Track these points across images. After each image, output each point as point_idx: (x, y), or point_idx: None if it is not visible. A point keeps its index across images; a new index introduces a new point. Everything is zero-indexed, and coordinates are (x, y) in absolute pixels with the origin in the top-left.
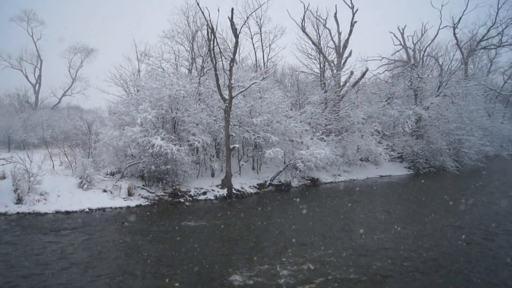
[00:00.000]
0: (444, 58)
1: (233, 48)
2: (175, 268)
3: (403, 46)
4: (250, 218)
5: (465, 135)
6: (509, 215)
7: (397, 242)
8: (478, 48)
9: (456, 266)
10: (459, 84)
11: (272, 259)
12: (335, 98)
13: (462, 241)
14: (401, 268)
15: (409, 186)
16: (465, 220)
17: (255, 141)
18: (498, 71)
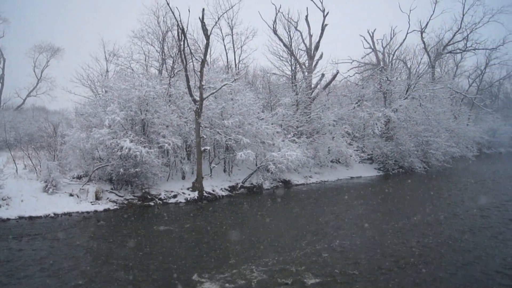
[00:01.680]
0: (412, 61)
1: (204, 49)
2: (143, 273)
3: (373, 49)
4: (222, 221)
5: (432, 136)
6: (470, 213)
7: (370, 242)
8: (445, 52)
9: (428, 264)
10: (426, 87)
11: (244, 262)
12: (307, 100)
13: (432, 238)
14: (376, 267)
15: (379, 187)
16: (433, 218)
17: (227, 143)
18: (463, 75)
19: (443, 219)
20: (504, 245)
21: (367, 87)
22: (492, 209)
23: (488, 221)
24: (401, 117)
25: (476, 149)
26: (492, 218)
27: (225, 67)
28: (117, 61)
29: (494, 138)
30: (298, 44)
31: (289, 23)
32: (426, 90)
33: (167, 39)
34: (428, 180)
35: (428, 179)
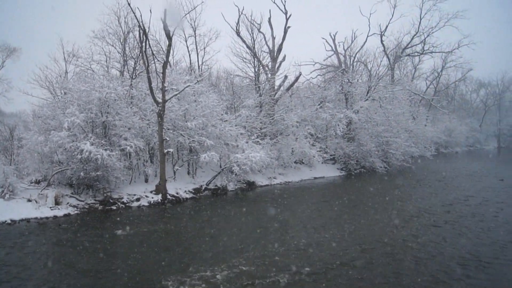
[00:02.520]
0: (373, 64)
1: (166, 50)
2: (106, 280)
3: (335, 51)
4: (186, 224)
5: (392, 137)
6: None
7: (331, 241)
8: (403, 55)
9: (391, 261)
10: (386, 88)
11: (208, 265)
12: (270, 101)
13: (393, 236)
14: (336, 266)
15: (341, 187)
16: (393, 216)
17: (190, 145)
18: (421, 77)
19: (402, 217)
20: (463, 238)
21: (329, 89)
22: (451, 205)
23: (449, 216)
24: (362, 118)
25: (433, 149)
26: (452, 214)
27: (188, 69)
28: (76, 62)
29: (451, 138)
30: (261, 46)
31: (252, 25)
32: (386, 91)
33: (128, 40)
34: (389, 179)
35: (389, 178)
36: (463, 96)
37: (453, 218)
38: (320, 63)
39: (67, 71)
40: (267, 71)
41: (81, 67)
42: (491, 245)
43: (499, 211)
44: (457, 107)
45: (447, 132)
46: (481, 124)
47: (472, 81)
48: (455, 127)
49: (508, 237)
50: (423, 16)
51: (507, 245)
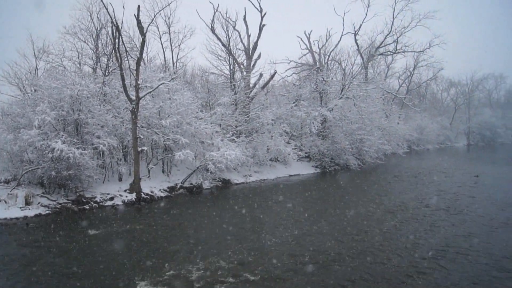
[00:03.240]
0: (347, 62)
1: (140, 47)
2: (79, 281)
3: (310, 50)
4: (160, 223)
5: (365, 135)
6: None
7: (307, 238)
8: (377, 54)
9: (365, 256)
10: (360, 87)
11: (183, 263)
12: (245, 99)
13: (368, 232)
14: (312, 263)
15: (316, 184)
16: (364, 215)
17: (165, 143)
18: (394, 76)
19: (375, 214)
20: (434, 232)
21: (304, 87)
22: (421, 200)
23: (420, 212)
24: (337, 116)
25: (406, 146)
26: (430, 208)
27: (162, 66)
28: (47, 58)
29: (422, 135)
30: (237, 43)
31: (227, 22)
32: (360, 90)
33: (101, 36)
34: (362, 176)
35: (363, 175)
36: (434, 94)
37: (431, 212)
38: (295, 61)
39: (37, 67)
40: (242, 69)
41: (52, 64)
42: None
43: (470, 205)
44: (429, 106)
45: (419, 130)
46: (451, 122)
47: (443, 80)
48: (427, 125)
49: (483, 229)
50: (396, 16)
51: (479, 236)
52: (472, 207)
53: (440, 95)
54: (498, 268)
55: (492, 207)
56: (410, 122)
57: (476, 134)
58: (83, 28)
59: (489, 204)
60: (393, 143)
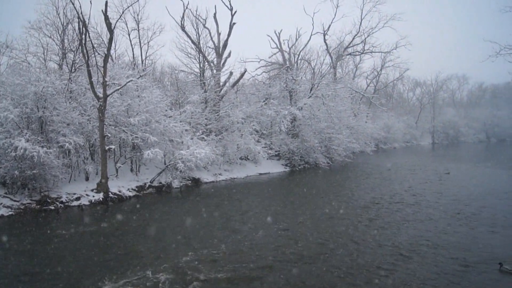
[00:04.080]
0: (316, 62)
1: (108, 44)
2: (43, 282)
3: (279, 49)
4: (128, 223)
5: (334, 133)
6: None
7: (277, 237)
8: (345, 54)
9: (334, 253)
10: (328, 86)
11: (150, 265)
12: (215, 97)
13: (336, 230)
14: (280, 262)
15: (286, 182)
16: (332, 212)
17: (133, 141)
18: (362, 76)
19: (341, 212)
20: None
21: (274, 86)
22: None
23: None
24: (306, 115)
25: (373, 145)
26: (402, 204)
27: (131, 63)
28: (10, 53)
29: (389, 134)
30: (207, 41)
31: (197, 20)
32: (329, 89)
33: (67, 32)
34: (331, 175)
35: (331, 173)
36: (401, 94)
37: (399, 209)
38: (265, 60)
39: (0, 63)
40: (212, 67)
41: (15, 59)
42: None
43: (437, 201)
44: (395, 105)
45: (386, 128)
46: (417, 121)
47: (409, 80)
48: (393, 124)
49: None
50: (364, 17)
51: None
52: (439, 202)
53: (406, 95)
54: (461, 263)
55: (457, 203)
56: (377, 121)
57: (440, 132)
58: (49, 23)
59: (455, 200)
60: (361, 141)
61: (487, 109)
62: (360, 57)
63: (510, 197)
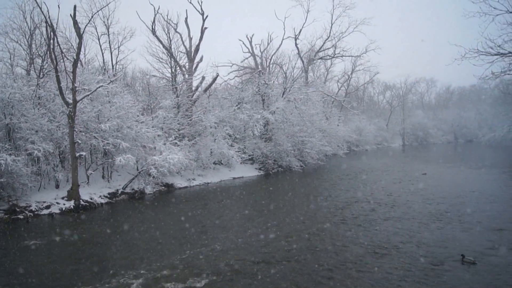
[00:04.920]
0: (288, 66)
1: (77, 49)
2: None
3: (251, 53)
4: (100, 230)
5: (307, 136)
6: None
7: (251, 241)
8: (316, 58)
9: (306, 255)
10: (300, 90)
11: (124, 272)
12: (188, 102)
13: (310, 230)
14: (258, 264)
15: (260, 186)
16: (308, 214)
17: (104, 147)
18: (333, 79)
19: (317, 213)
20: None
21: (246, 90)
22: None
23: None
24: (279, 119)
25: (346, 147)
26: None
27: (101, 68)
28: None
29: (361, 136)
30: (178, 46)
31: (168, 24)
32: (301, 93)
33: (35, 37)
34: (304, 178)
35: (305, 176)
36: (371, 97)
37: (371, 209)
38: (238, 64)
39: None
40: (184, 71)
41: None
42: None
43: (407, 202)
44: (366, 108)
45: (358, 131)
46: (387, 124)
47: (379, 83)
48: (365, 127)
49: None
50: (334, 21)
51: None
52: (410, 203)
53: (377, 98)
54: (432, 261)
55: (431, 202)
56: (349, 124)
57: (410, 134)
58: (15, 27)
59: (425, 200)
60: (333, 144)
61: (455, 111)
62: (331, 61)
63: (477, 196)
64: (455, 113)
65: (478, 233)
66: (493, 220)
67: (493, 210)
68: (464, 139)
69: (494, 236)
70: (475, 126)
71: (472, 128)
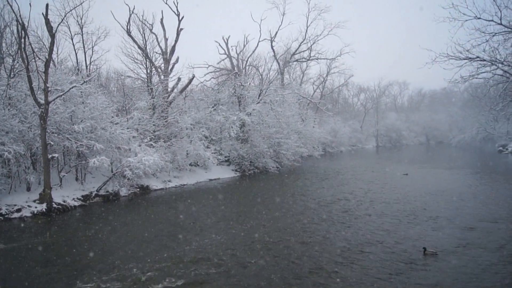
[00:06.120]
0: (264, 68)
1: (49, 48)
2: None
3: (228, 55)
4: (73, 234)
5: (283, 138)
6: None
7: (227, 242)
8: (292, 60)
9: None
10: (276, 92)
11: (98, 276)
12: (163, 103)
13: (286, 232)
14: (234, 267)
15: (236, 188)
16: (282, 212)
17: (78, 149)
18: (309, 82)
19: (293, 214)
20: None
21: (222, 92)
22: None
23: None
24: (255, 121)
25: (321, 149)
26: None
27: (74, 68)
28: None
29: (336, 138)
30: (154, 47)
31: (143, 25)
32: (277, 95)
33: (5, 35)
34: (280, 179)
35: (281, 177)
36: (346, 99)
37: (344, 210)
38: (214, 66)
39: None
40: (160, 72)
41: None
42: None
43: (378, 203)
44: (341, 110)
45: (333, 133)
46: (361, 126)
47: (354, 86)
48: (340, 128)
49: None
50: (310, 24)
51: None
52: (387, 202)
53: (352, 100)
54: (406, 260)
55: (399, 203)
56: (324, 126)
57: (383, 136)
58: None
59: (400, 199)
60: (309, 146)
61: (426, 113)
62: (307, 63)
63: (450, 195)
64: (426, 115)
65: (449, 232)
66: (465, 219)
67: (466, 209)
68: (435, 140)
69: (463, 234)
70: (446, 128)
71: (443, 130)
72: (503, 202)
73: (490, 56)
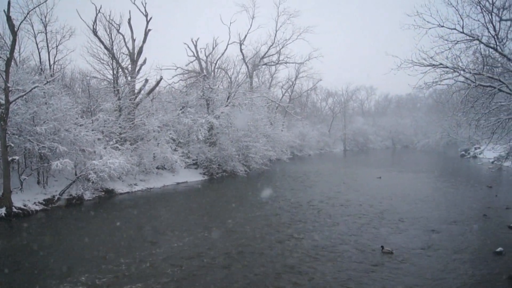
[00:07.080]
0: (233, 71)
1: (11, 46)
2: None
3: (196, 57)
4: (34, 239)
5: (251, 141)
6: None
7: (193, 246)
8: (261, 64)
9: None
10: (245, 95)
11: (60, 282)
12: (130, 105)
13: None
14: (200, 269)
15: (204, 191)
16: (250, 217)
17: (40, 151)
18: (277, 85)
19: (258, 219)
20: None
21: (191, 94)
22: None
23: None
24: (223, 124)
25: (289, 152)
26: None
27: (37, 68)
28: None
29: (304, 142)
30: (121, 47)
31: (110, 25)
32: (245, 98)
33: None
34: (248, 182)
35: (249, 181)
36: (314, 103)
37: (315, 213)
38: (182, 68)
39: None
40: (126, 74)
41: None
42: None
43: (349, 206)
44: (309, 114)
45: (301, 136)
46: (329, 130)
47: (322, 90)
48: (308, 132)
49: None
50: (279, 28)
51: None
52: (346, 209)
53: (320, 104)
54: (371, 262)
55: (367, 205)
56: (293, 129)
57: (351, 140)
58: None
59: (360, 203)
60: (277, 149)
61: (392, 118)
62: (276, 67)
63: (415, 198)
64: (393, 120)
65: (412, 233)
66: (428, 222)
67: (429, 212)
68: (401, 144)
69: (426, 236)
70: (411, 132)
71: (408, 134)
72: (463, 205)
73: (453, 63)
